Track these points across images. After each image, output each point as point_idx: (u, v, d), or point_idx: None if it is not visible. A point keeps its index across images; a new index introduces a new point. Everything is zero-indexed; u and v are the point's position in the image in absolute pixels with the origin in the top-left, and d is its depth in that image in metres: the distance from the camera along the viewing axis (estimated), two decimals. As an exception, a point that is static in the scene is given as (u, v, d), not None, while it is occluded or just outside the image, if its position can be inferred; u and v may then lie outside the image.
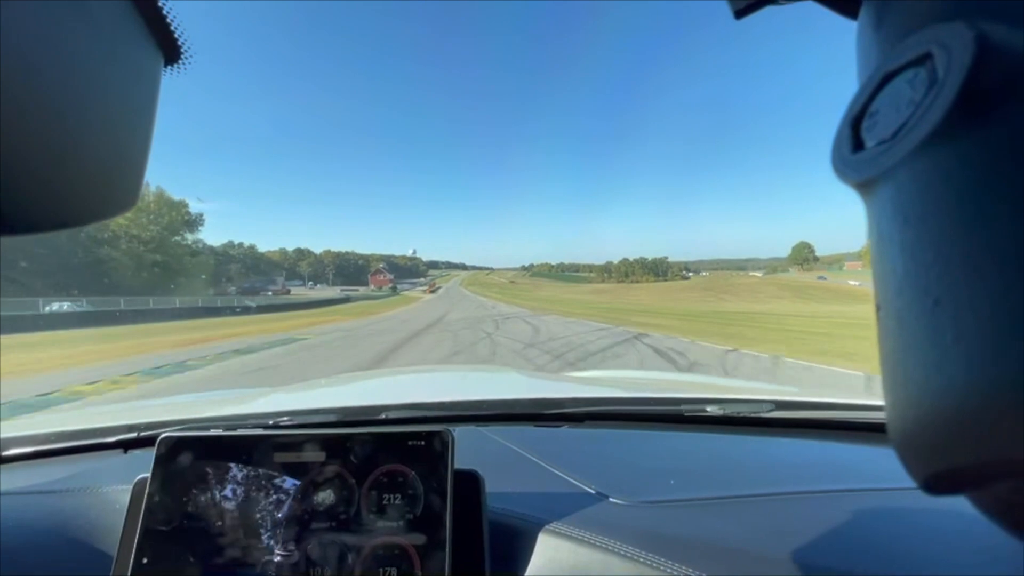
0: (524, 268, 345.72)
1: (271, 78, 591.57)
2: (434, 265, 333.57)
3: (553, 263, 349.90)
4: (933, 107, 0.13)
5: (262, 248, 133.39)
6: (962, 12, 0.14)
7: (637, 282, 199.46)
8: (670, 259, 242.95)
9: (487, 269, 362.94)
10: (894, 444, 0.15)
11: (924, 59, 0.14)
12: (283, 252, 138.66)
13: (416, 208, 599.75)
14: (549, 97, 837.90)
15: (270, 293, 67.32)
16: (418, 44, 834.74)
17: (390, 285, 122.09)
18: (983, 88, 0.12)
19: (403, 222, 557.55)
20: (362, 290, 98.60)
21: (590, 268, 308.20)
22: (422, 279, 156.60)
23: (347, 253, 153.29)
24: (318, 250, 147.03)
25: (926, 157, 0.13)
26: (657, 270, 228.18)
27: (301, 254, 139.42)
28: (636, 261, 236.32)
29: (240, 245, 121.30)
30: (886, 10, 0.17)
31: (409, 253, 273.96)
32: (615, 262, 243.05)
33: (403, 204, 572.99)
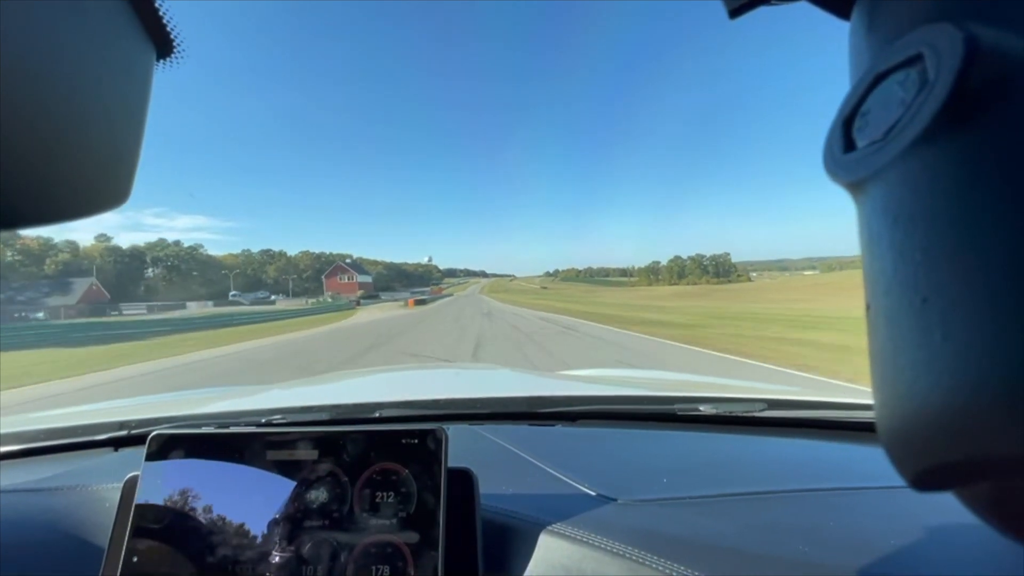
0: (549, 274, 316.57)
1: (270, 83, 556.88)
2: (451, 273, 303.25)
3: (580, 268, 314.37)
4: (923, 108, 0.13)
5: (217, 251, 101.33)
6: (952, 14, 0.14)
7: (695, 283, 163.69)
8: (732, 257, 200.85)
9: (509, 276, 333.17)
10: (883, 442, 0.15)
11: (915, 60, 0.14)
12: (246, 254, 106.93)
13: (435, 219, 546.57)
14: (553, 107, 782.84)
15: None
16: (422, 52, 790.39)
17: (357, 294, 71.63)
18: (973, 89, 0.12)
19: (422, 233, 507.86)
20: (282, 303, 59.22)
21: (624, 271, 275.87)
22: (428, 287, 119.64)
23: (331, 255, 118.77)
24: (295, 252, 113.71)
25: (916, 157, 0.13)
26: (718, 271, 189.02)
27: (270, 257, 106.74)
28: (691, 259, 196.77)
29: (177, 244, 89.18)
30: (878, 11, 0.17)
31: (424, 260, 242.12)
32: (663, 262, 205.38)
33: (422, 216, 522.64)
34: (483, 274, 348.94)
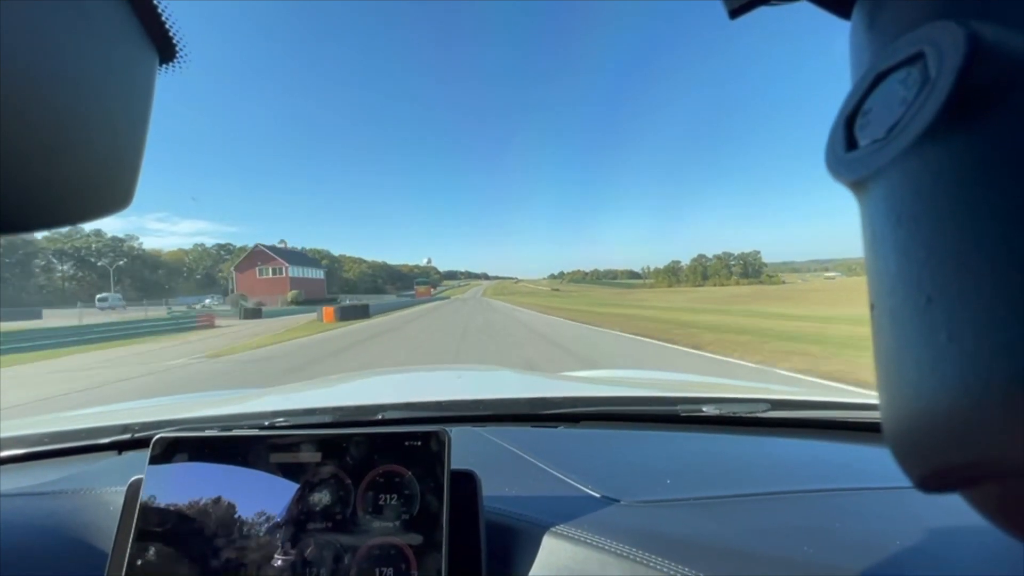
0: (554, 276, 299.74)
1: (271, 84, 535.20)
2: (452, 275, 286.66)
3: (586, 270, 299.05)
4: (925, 106, 0.13)
5: (161, 244, 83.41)
6: (954, 12, 0.14)
7: (723, 284, 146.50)
8: (763, 257, 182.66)
9: (512, 278, 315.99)
10: (888, 442, 0.15)
11: (916, 58, 0.14)
12: (199, 250, 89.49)
13: (435, 222, 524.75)
14: (555, 109, 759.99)
15: None
16: (425, 54, 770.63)
17: (287, 295, 51.62)
18: (975, 87, 0.12)
19: (422, 235, 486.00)
20: (140, 311, 33.33)
21: (635, 273, 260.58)
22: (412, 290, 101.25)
23: (305, 250, 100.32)
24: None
25: (918, 156, 0.13)
26: (747, 271, 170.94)
27: (228, 252, 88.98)
28: (717, 259, 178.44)
29: (98, 234, 71.09)
30: (879, 10, 0.17)
31: (423, 262, 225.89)
32: (684, 263, 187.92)
33: (421, 218, 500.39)
34: (484, 276, 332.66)
